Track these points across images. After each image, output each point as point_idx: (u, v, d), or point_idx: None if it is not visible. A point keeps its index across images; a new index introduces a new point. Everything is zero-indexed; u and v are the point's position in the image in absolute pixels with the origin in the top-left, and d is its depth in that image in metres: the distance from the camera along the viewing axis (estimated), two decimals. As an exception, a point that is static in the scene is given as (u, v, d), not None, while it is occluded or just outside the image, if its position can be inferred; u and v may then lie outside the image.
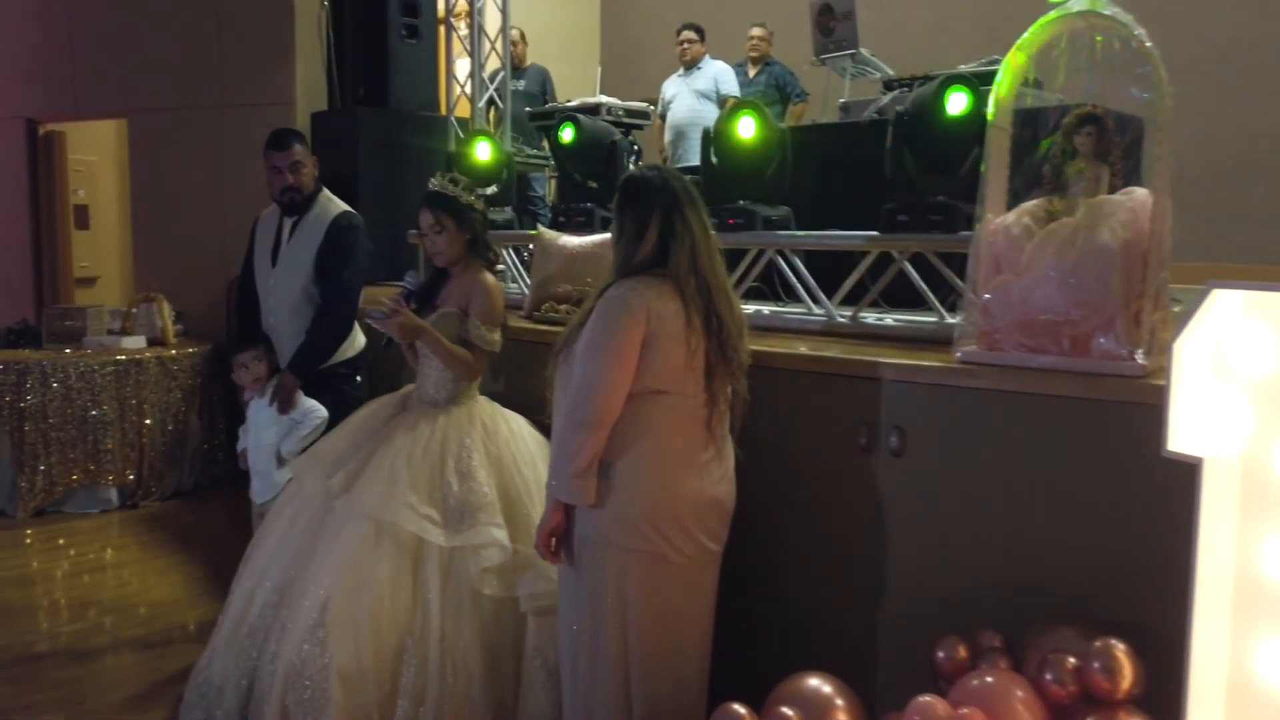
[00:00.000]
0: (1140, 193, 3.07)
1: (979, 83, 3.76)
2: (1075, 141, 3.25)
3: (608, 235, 3.67)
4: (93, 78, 8.67)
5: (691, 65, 8.51)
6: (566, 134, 5.45)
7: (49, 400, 6.82)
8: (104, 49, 8.56)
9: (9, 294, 8.92)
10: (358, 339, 4.94)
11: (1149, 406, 2.64)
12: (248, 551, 4.06)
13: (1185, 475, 2.23)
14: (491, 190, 6.04)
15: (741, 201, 4.62)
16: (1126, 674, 2.49)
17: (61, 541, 6.45)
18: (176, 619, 5.17)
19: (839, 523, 3.52)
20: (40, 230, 9.20)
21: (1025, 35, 3.24)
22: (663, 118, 8.64)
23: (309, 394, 4.65)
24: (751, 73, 8.60)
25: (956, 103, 3.79)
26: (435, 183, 4.04)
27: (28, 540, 6.45)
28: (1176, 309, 3.07)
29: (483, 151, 5.99)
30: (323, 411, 4.57)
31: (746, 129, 4.58)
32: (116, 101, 8.69)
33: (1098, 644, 2.54)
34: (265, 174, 4.84)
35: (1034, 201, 3.29)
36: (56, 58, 8.76)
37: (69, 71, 8.75)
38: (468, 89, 7.57)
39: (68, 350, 7.12)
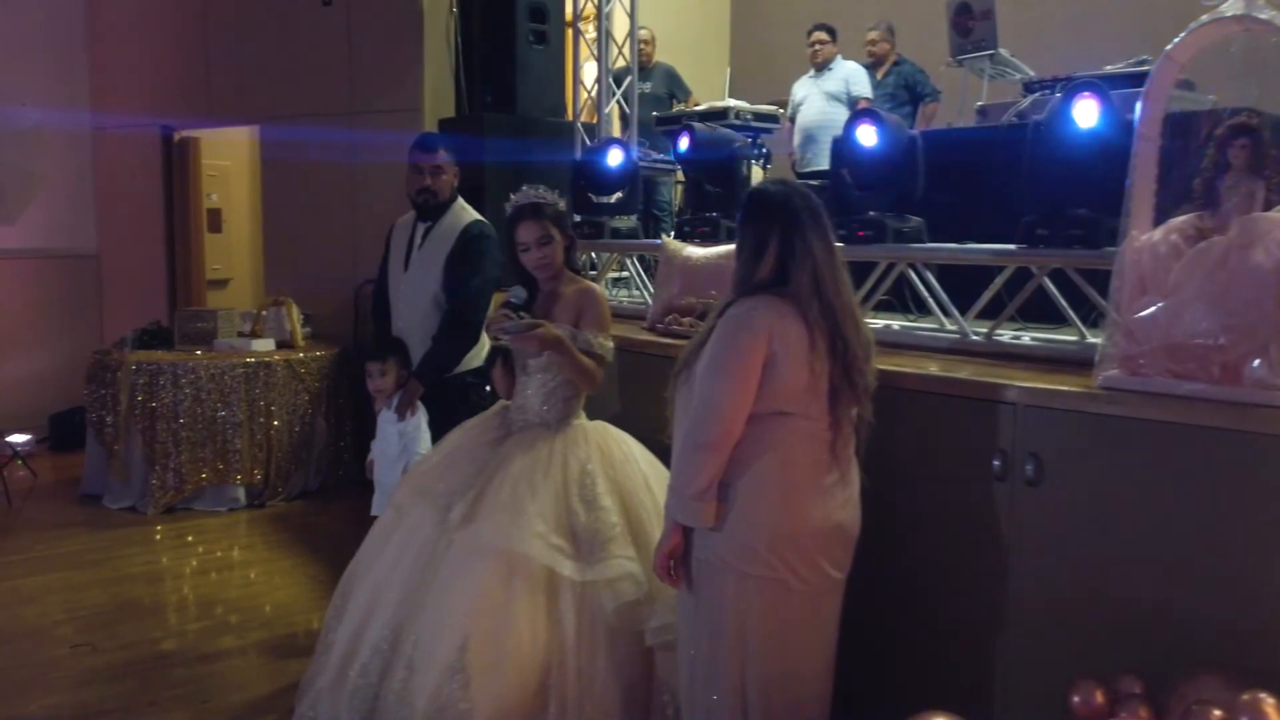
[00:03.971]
0: (1300, 209, 2.88)
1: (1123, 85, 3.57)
2: (1229, 154, 3.06)
3: (731, 247, 3.58)
4: (226, 86, 8.87)
5: (822, 66, 8.31)
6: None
7: (180, 400, 7.00)
8: (237, 58, 8.76)
9: (144, 296, 9.19)
10: (487, 348, 4.91)
11: (1306, 441, 2.48)
12: (343, 583, 3.95)
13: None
14: (616, 197, 6.03)
15: (871, 213, 4.45)
16: (1279, 732, 2.33)
17: (190, 539, 6.60)
18: (300, 621, 5.25)
19: (969, 553, 3.37)
20: (174, 234, 9.45)
21: (1176, 40, 3.07)
22: (792, 120, 8.47)
23: (440, 401, 4.65)
24: (879, 74, 8.38)
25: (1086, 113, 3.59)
26: (531, 194, 3.90)
27: (158, 537, 6.61)
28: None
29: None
30: (426, 445, 4.53)
31: (868, 137, 4.43)
32: (249, 108, 8.89)
33: (1245, 697, 2.37)
34: (407, 172, 4.92)
35: (1183, 217, 3.09)
36: (191, 67, 8.99)
37: (203, 80, 8.96)
38: (594, 94, 7.53)
39: (199, 352, 7.30)
